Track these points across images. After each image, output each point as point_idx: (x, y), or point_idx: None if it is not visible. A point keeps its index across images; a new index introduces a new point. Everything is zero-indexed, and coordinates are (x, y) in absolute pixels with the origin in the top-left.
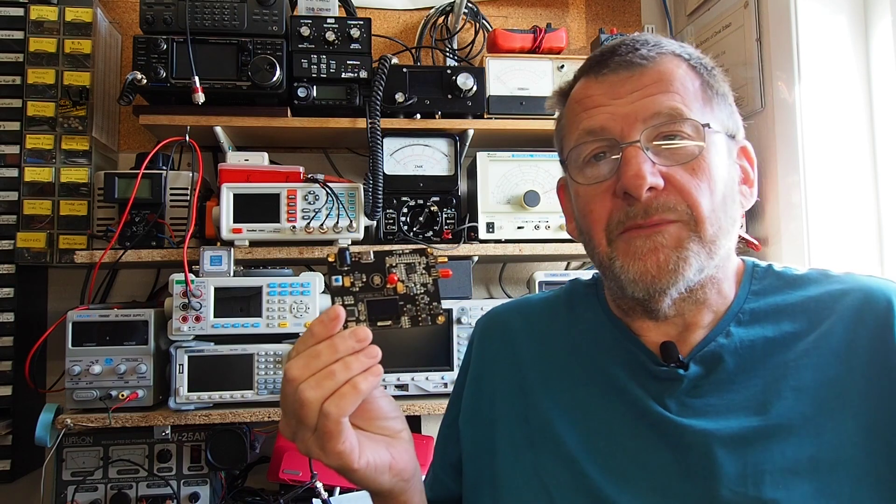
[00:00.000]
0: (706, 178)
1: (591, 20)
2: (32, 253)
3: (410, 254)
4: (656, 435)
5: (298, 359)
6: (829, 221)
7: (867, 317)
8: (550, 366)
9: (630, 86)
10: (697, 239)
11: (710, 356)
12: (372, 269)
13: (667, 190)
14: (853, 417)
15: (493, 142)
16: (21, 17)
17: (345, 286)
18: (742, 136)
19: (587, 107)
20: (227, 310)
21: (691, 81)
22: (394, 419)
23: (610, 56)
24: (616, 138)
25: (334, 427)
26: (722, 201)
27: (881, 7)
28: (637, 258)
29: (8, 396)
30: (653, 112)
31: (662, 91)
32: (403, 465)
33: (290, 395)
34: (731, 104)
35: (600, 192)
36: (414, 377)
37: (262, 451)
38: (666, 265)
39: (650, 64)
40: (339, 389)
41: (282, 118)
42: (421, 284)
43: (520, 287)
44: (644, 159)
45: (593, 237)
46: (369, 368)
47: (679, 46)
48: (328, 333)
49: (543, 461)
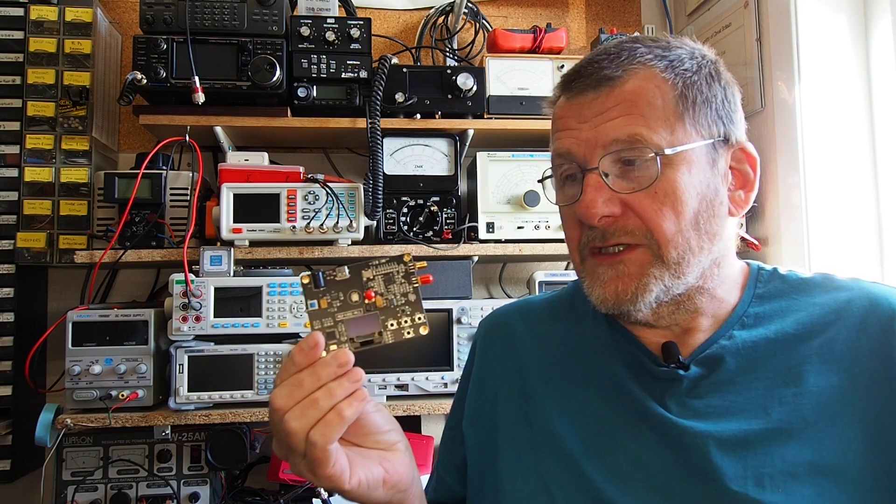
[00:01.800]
0: (668, 201)
1: (591, 20)
2: (32, 253)
3: (388, 263)
4: (657, 436)
5: (282, 387)
6: (829, 221)
7: (871, 324)
8: (552, 367)
9: (595, 108)
10: (660, 263)
11: (711, 357)
12: (348, 286)
13: (626, 215)
14: (854, 425)
15: (493, 142)
16: (21, 17)
17: (322, 308)
18: (740, 137)
19: (558, 128)
20: (227, 310)
21: (661, 96)
22: (388, 432)
23: (576, 76)
24: (579, 163)
25: (321, 454)
26: (693, 220)
27: (881, 7)
28: (598, 284)
29: (8, 396)
30: (612, 138)
31: (624, 114)
32: (398, 478)
33: (276, 423)
34: (721, 106)
35: (571, 212)
36: (414, 377)
37: (262, 451)
38: (625, 294)
39: (616, 83)
40: (323, 417)
41: (282, 118)
42: (401, 294)
43: (520, 287)
44: (599, 187)
45: (570, 254)
46: (353, 393)
47: (661, 52)
48: (309, 361)
49: (545, 462)
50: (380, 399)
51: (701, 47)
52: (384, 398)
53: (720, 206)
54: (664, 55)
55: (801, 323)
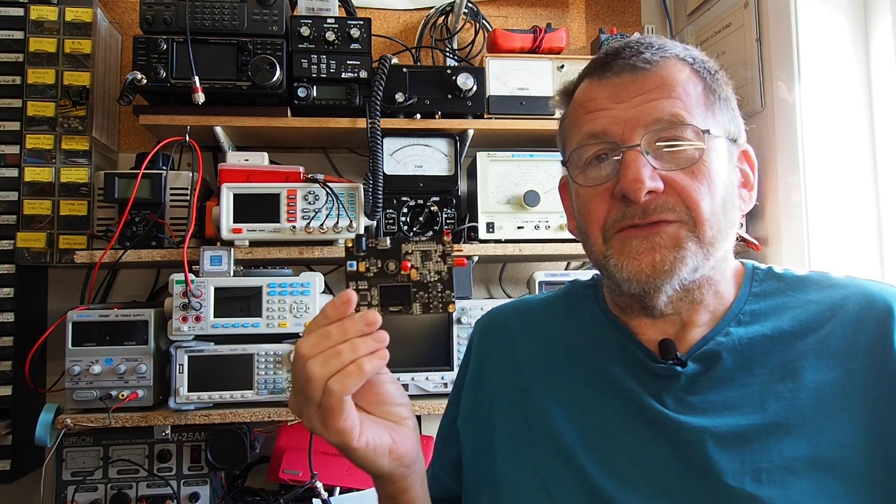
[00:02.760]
0: (706, 181)
1: (591, 20)
2: (32, 253)
3: (428, 241)
4: (654, 431)
5: (309, 336)
6: (829, 221)
7: (867, 321)
8: (549, 365)
9: (633, 90)
10: (696, 239)
11: (708, 354)
12: (387, 255)
13: (666, 192)
14: (851, 420)
15: (493, 142)
16: (21, 17)
17: (359, 271)
18: (743, 140)
19: (590, 109)
20: (227, 310)
21: (693, 86)
22: (400, 406)
23: (614, 58)
24: (617, 142)
25: (336, 403)
26: (722, 204)
27: (881, 7)
28: (632, 257)
29: (8, 396)
30: (655, 118)
31: (665, 96)
32: (405, 451)
33: (298, 370)
34: (733, 108)
35: (599, 192)
36: (414, 377)
37: (262, 451)
38: (662, 265)
39: (653, 68)
40: (344, 368)
41: (282, 118)
42: (436, 272)
43: (520, 287)
44: (644, 163)
45: (590, 235)
46: (375, 352)
47: (683, 49)
48: (340, 315)
49: (542, 459)
50: None
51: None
52: None
53: (736, 198)
54: (689, 52)
55: (798, 320)
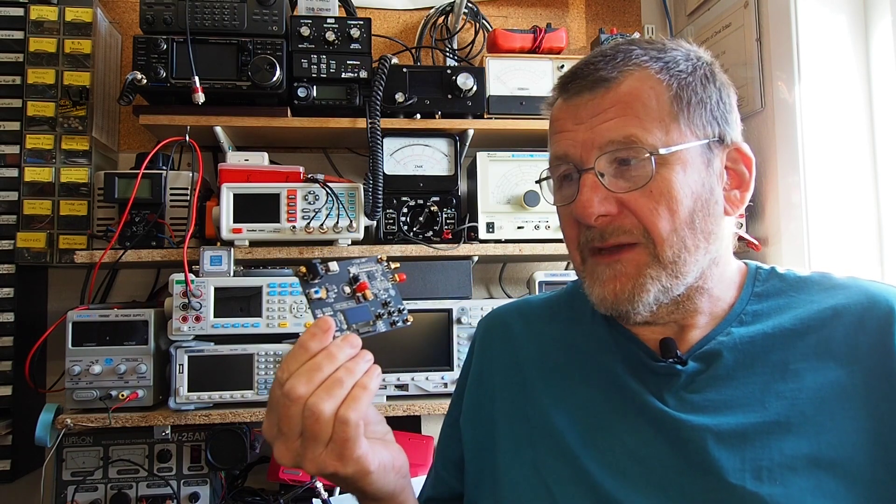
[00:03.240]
0: (664, 199)
1: (591, 20)
2: (32, 253)
3: (367, 262)
4: (654, 430)
5: (298, 376)
6: (829, 221)
7: (869, 322)
8: (550, 364)
9: (590, 109)
10: (657, 262)
11: (709, 353)
12: (339, 278)
13: (622, 214)
14: (853, 420)
15: (493, 142)
16: (21, 17)
17: (322, 298)
18: (736, 137)
19: (555, 130)
20: (227, 310)
21: (656, 97)
22: (380, 423)
23: (572, 78)
24: (575, 164)
25: (354, 432)
26: (688, 219)
27: (881, 7)
28: (598, 284)
29: (8, 396)
30: (608, 139)
31: (620, 115)
32: (401, 463)
33: (296, 414)
34: (720, 107)
35: (568, 212)
36: (414, 377)
37: (262, 451)
38: (622, 293)
39: (611, 84)
40: (350, 394)
41: (282, 118)
42: (384, 290)
43: (520, 287)
44: (595, 187)
45: (570, 254)
46: (369, 369)
47: (656, 53)
48: (322, 345)
49: (543, 458)
50: (380, 399)
51: (696, 49)
52: (384, 398)
53: (715, 205)
54: (659, 57)
55: (799, 319)
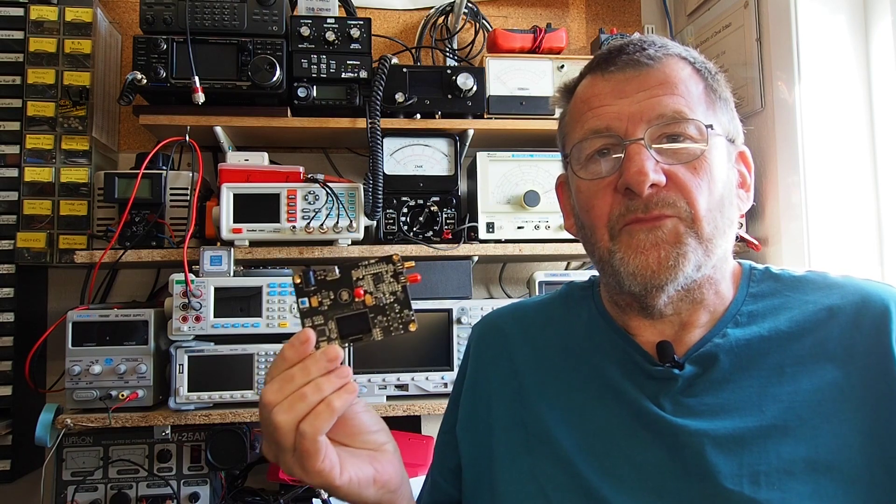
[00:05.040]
0: (706, 177)
1: (591, 20)
2: (32, 253)
3: (377, 263)
4: (651, 435)
5: (273, 384)
6: (829, 221)
7: (864, 322)
8: (546, 369)
9: (636, 85)
10: (694, 235)
11: (705, 356)
12: (338, 285)
13: (667, 187)
14: (850, 421)
15: (493, 142)
16: (21, 17)
17: (312, 307)
18: (741, 142)
19: (593, 105)
20: (227, 310)
21: (695, 85)
22: (376, 433)
23: (617, 54)
24: (620, 136)
25: (311, 446)
26: (720, 202)
27: (881, 7)
28: (639, 252)
29: (8, 396)
30: (658, 113)
31: (668, 93)
32: (388, 478)
33: (265, 418)
34: (731, 110)
35: (602, 187)
36: (414, 377)
37: (261, 451)
38: (666, 261)
39: (656, 64)
40: (313, 409)
41: (282, 118)
42: (390, 293)
43: (520, 287)
44: (647, 156)
45: (595, 232)
46: (343, 387)
47: (684, 50)
48: (300, 357)
49: (540, 464)
50: (380, 399)
51: None
52: (384, 398)
53: (734, 197)
54: (689, 52)
55: (795, 321)
